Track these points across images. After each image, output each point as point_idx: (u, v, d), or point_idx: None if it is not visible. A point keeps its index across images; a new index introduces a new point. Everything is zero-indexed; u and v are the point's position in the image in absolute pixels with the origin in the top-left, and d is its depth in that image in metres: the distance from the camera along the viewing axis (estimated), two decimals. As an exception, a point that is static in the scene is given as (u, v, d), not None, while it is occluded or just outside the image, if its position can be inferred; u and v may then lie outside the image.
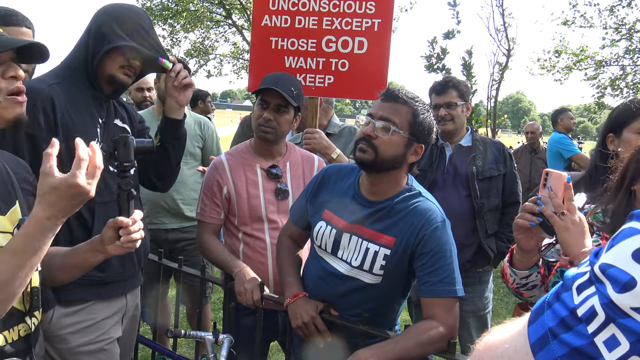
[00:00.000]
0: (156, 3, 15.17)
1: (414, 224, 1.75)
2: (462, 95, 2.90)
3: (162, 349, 2.60)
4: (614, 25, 12.21)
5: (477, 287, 2.90)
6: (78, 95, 1.84)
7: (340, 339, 1.85)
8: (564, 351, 0.41)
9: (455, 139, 2.94)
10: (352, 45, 2.74)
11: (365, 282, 1.81)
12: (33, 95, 1.72)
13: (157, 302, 2.80)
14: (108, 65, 1.85)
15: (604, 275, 0.41)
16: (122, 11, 1.90)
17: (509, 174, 2.89)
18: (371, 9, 2.71)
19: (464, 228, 2.77)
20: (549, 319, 0.45)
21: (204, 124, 3.53)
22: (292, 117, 2.26)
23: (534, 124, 6.97)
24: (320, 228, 1.91)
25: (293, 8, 2.80)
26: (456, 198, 2.81)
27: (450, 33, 4.99)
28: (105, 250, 1.42)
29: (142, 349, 3.29)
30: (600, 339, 0.39)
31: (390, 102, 1.75)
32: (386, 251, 1.77)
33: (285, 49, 2.81)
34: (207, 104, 5.68)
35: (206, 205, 2.29)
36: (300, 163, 2.37)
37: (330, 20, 2.76)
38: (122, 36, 1.83)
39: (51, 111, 1.75)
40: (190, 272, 2.41)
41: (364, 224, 1.82)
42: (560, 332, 0.42)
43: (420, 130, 1.74)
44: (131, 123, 2.09)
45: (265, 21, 2.85)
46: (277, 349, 3.67)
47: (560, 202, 1.35)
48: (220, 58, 16.75)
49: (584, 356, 0.39)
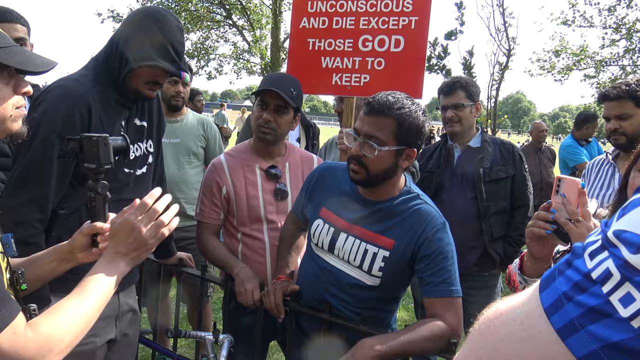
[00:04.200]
0: (156, 3, 15.17)
1: (415, 227, 1.76)
2: (471, 95, 2.84)
3: (162, 349, 2.61)
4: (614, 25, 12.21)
5: (483, 290, 2.85)
6: (108, 100, 1.85)
7: (339, 338, 1.85)
8: (579, 311, 0.42)
9: (464, 140, 2.89)
10: (388, 43, 2.77)
11: (363, 281, 1.82)
12: (72, 98, 1.73)
13: (157, 302, 2.81)
14: (134, 79, 1.85)
15: (619, 240, 0.43)
16: (157, 24, 1.83)
17: (518, 176, 2.81)
18: (408, 7, 2.73)
19: (469, 230, 2.74)
20: (562, 284, 0.46)
21: (207, 124, 3.54)
22: (292, 117, 2.26)
23: (541, 123, 6.75)
24: (318, 226, 1.92)
25: (331, 9, 2.86)
26: (462, 200, 2.77)
27: (453, 34, 5.00)
28: (74, 258, 1.35)
29: (142, 349, 3.30)
30: (615, 297, 0.41)
31: (373, 116, 1.71)
32: (385, 253, 1.78)
33: (322, 49, 2.88)
34: (197, 103, 5.61)
35: (205, 206, 2.30)
36: (299, 163, 2.37)
37: (367, 19, 2.80)
38: (151, 56, 1.80)
39: (87, 118, 1.76)
40: (190, 272, 2.42)
41: (363, 225, 1.83)
42: (575, 294, 0.44)
43: (408, 137, 1.71)
44: (150, 118, 2.07)
45: (304, 23, 2.91)
46: (277, 348, 3.68)
47: (574, 208, 1.32)
48: (220, 59, 16.75)
49: (599, 314, 0.41)
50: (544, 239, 1.41)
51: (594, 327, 0.41)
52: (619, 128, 2.33)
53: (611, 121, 2.36)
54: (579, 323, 0.42)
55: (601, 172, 2.51)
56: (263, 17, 15.34)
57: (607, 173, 2.47)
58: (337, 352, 1.79)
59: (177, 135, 3.38)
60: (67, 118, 1.71)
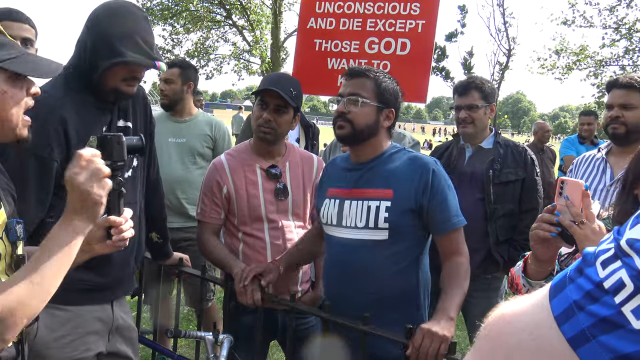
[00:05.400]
0: (156, 3, 15.18)
1: (411, 175, 1.88)
2: (486, 97, 2.78)
3: (162, 349, 2.61)
4: (614, 25, 12.21)
5: (485, 293, 2.81)
6: (84, 106, 1.79)
7: (339, 338, 1.85)
8: (591, 321, 0.42)
9: (476, 141, 2.85)
10: (394, 46, 2.77)
11: (373, 239, 1.87)
12: (42, 115, 1.63)
13: (157, 302, 2.81)
14: (110, 78, 1.78)
15: (632, 249, 0.42)
16: (118, 18, 1.77)
17: (528, 179, 2.77)
18: (416, 10, 2.72)
19: (474, 232, 2.67)
20: (573, 293, 0.45)
21: (215, 125, 3.49)
22: (292, 117, 2.27)
23: (546, 123, 6.71)
24: (325, 205, 2.02)
25: (338, 10, 2.86)
26: (470, 200, 2.69)
27: (453, 35, 5.00)
28: (92, 249, 1.39)
29: (142, 349, 3.29)
30: (627, 308, 0.40)
31: (353, 78, 1.95)
32: (387, 203, 1.87)
33: (328, 51, 2.88)
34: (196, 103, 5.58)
35: (206, 205, 2.30)
36: (299, 163, 2.38)
37: (374, 22, 2.80)
38: (121, 52, 1.72)
39: (62, 131, 1.70)
40: (190, 272, 2.42)
41: (360, 186, 1.94)
42: (586, 304, 0.43)
43: (387, 96, 1.93)
44: (135, 118, 2.01)
45: (311, 24, 2.91)
46: (277, 348, 3.68)
47: (578, 211, 1.32)
48: (220, 58, 16.77)
49: (611, 325, 0.40)
50: (548, 241, 1.40)
51: (606, 338, 0.41)
52: (621, 117, 2.32)
53: (614, 109, 2.35)
54: (590, 333, 0.42)
55: (591, 167, 2.49)
56: (263, 17, 15.35)
57: (599, 169, 2.44)
58: (337, 352, 1.79)
59: (183, 135, 3.36)
60: (40, 135, 1.63)
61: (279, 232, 2.25)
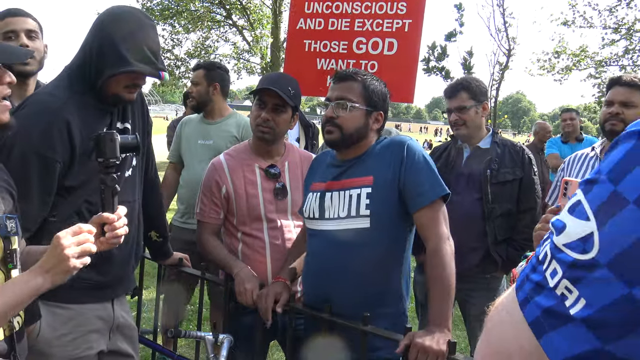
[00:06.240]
0: (156, 3, 15.19)
1: (387, 157, 1.88)
2: (475, 96, 2.77)
3: (162, 349, 2.61)
4: (614, 25, 12.22)
5: (484, 292, 2.79)
6: (87, 108, 1.80)
7: (339, 338, 1.85)
8: (531, 286, 0.54)
9: (473, 141, 2.84)
10: (382, 46, 2.78)
11: (355, 228, 1.85)
12: (47, 115, 1.68)
13: (157, 302, 2.80)
14: (114, 84, 1.78)
15: (552, 227, 0.56)
16: (128, 25, 1.77)
17: (525, 179, 2.76)
18: (402, 9, 2.73)
19: (473, 231, 2.71)
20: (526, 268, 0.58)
21: (243, 125, 3.37)
22: (290, 116, 2.27)
23: (547, 124, 6.70)
24: (308, 199, 2.01)
25: (327, 11, 2.86)
26: (467, 200, 2.73)
27: (453, 35, 5.00)
28: None
29: (142, 349, 3.29)
30: (547, 272, 0.52)
31: (341, 82, 1.92)
32: (367, 190, 1.86)
33: (317, 51, 2.88)
34: None
35: (205, 205, 2.30)
36: (298, 163, 2.38)
37: (362, 21, 2.80)
38: (128, 60, 1.72)
39: (66, 132, 1.71)
40: (190, 272, 2.42)
41: (343, 178, 1.94)
42: (530, 273, 0.55)
43: (375, 99, 1.91)
44: (133, 119, 2.01)
45: (300, 24, 2.91)
46: (277, 348, 3.67)
47: None
48: (220, 58, 16.76)
49: (540, 287, 0.52)
50: None
51: (538, 298, 0.52)
52: (621, 114, 2.33)
53: (615, 105, 2.35)
54: (529, 296, 0.53)
55: (585, 166, 2.49)
56: (263, 17, 15.35)
57: (593, 167, 2.44)
58: (337, 352, 1.79)
59: (211, 137, 3.30)
60: (44, 135, 1.66)
61: (278, 232, 2.25)
